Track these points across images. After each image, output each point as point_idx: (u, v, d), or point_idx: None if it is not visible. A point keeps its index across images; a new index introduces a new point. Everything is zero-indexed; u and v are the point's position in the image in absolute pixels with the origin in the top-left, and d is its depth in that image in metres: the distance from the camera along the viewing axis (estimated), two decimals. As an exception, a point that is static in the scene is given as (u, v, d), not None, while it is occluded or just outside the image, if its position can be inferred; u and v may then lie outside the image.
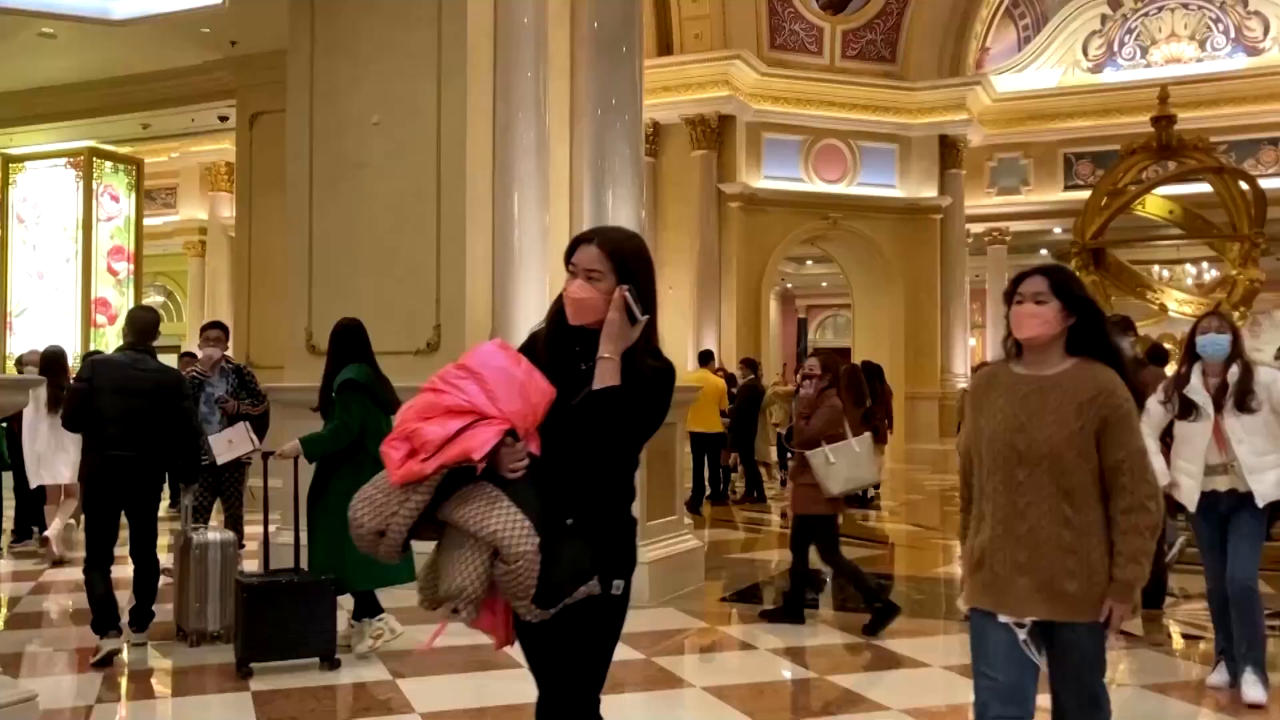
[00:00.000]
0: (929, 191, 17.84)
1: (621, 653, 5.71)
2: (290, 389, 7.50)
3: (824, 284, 26.20)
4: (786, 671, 5.67)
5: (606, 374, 2.36)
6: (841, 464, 6.19)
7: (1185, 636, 6.28)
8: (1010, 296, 2.93)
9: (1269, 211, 12.08)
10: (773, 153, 17.23)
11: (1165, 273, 19.70)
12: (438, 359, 7.04)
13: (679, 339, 16.03)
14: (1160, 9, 19.23)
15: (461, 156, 7.46)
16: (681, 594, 7.15)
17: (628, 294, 2.37)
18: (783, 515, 12.36)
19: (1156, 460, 4.86)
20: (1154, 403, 4.91)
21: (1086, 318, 2.87)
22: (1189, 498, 4.80)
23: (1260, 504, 4.65)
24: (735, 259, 16.65)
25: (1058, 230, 19.01)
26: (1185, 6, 19.05)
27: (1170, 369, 6.32)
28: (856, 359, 15.07)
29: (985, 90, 18.46)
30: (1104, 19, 19.55)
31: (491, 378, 2.31)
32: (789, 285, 27.03)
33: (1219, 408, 4.67)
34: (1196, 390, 4.74)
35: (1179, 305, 12.06)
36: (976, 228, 19.08)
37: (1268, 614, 6.68)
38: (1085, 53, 19.60)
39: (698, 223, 16.41)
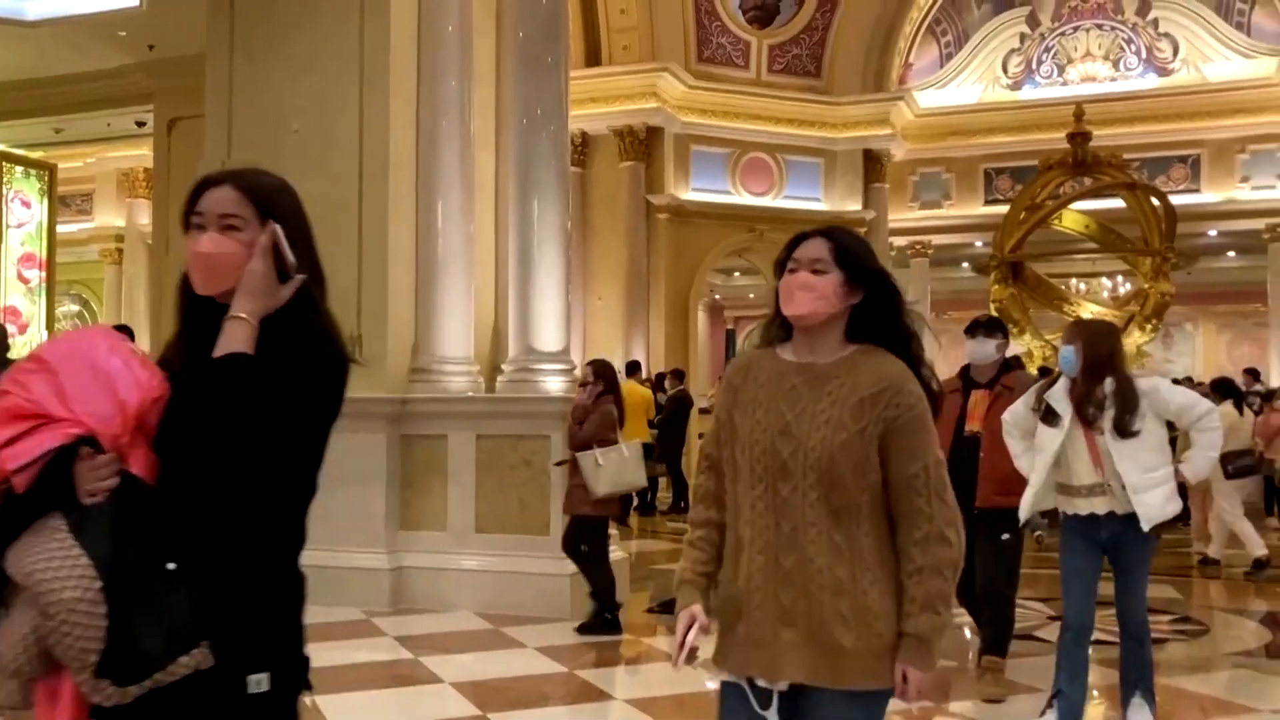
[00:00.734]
0: (853, 205, 18.06)
1: (544, 666, 5.71)
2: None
3: (751, 295, 26.37)
4: (710, 683, 5.66)
5: (235, 338, 1.72)
6: (609, 467, 6.43)
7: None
8: (782, 265, 2.25)
9: (1179, 227, 12.48)
10: (700, 165, 17.32)
11: (1082, 285, 20.18)
12: (358, 370, 6.93)
13: (608, 350, 16.00)
14: (1076, 29, 19.75)
15: (384, 163, 7.37)
16: (607, 605, 7.13)
17: (279, 233, 1.81)
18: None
19: (1024, 460, 4.63)
20: (1021, 404, 4.66)
21: (876, 294, 2.22)
22: (1025, 508, 4.48)
23: (1145, 527, 4.21)
24: (663, 270, 16.68)
25: (979, 243, 19.36)
26: (1099, 27, 19.59)
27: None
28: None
29: (908, 105, 18.78)
30: (1023, 37, 20.02)
31: (67, 370, 1.72)
32: (717, 296, 27.16)
33: (1089, 423, 4.26)
34: (1056, 397, 4.35)
35: (1094, 318, 12.37)
36: (900, 241, 19.36)
37: (1174, 619, 6.91)
38: (1005, 70, 20.05)
39: (625, 234, 16.42)
